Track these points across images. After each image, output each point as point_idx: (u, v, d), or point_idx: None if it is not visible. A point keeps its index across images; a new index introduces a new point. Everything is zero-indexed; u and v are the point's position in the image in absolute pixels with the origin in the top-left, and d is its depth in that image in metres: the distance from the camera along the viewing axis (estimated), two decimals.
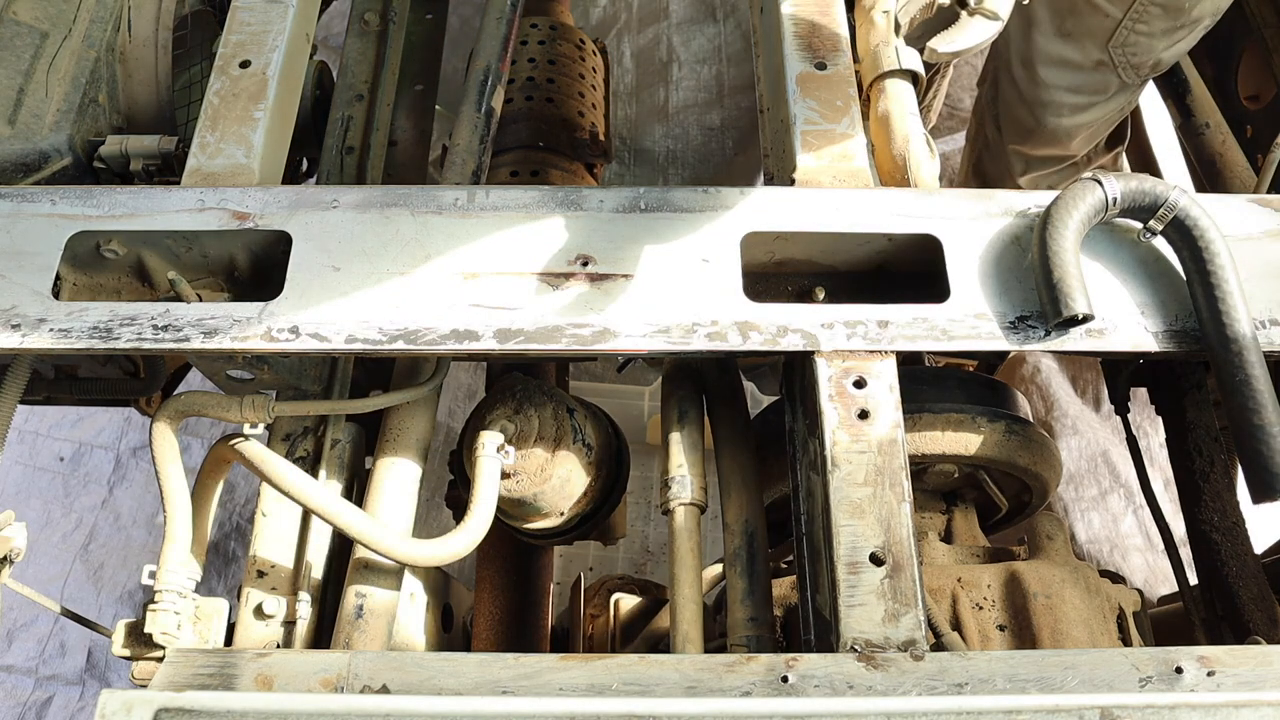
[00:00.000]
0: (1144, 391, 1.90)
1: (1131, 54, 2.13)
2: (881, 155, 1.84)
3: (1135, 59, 2.14)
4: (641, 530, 3.75)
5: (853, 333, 1.48)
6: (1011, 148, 2.53)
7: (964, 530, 1.99)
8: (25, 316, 1.47)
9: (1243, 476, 1.48)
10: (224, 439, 1.54)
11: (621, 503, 1.98)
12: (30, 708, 3.50)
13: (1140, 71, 2.19)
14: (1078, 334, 1.49)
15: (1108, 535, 3.63)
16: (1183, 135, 2.62)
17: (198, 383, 2.57)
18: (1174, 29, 2.07)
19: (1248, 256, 1.54)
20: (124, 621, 1.51)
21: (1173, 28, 2.07)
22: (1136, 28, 2.07)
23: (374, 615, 1.54)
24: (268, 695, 1.24)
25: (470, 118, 1.94)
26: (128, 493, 3.87)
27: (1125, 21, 2.07)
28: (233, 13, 1.82)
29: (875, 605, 1.31)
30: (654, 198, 1.59)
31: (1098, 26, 2.11)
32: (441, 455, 3.12)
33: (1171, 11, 2.03)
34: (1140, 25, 2.07)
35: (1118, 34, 2.10)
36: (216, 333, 1.47)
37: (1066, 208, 1.48)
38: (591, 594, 2.36)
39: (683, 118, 4.38)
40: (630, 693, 1.24)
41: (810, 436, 1.48)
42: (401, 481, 1.64)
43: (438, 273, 1.52)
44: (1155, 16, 2.04)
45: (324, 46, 3.02)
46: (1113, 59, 2.15)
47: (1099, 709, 1.17)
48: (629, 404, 3.77)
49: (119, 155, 1.75)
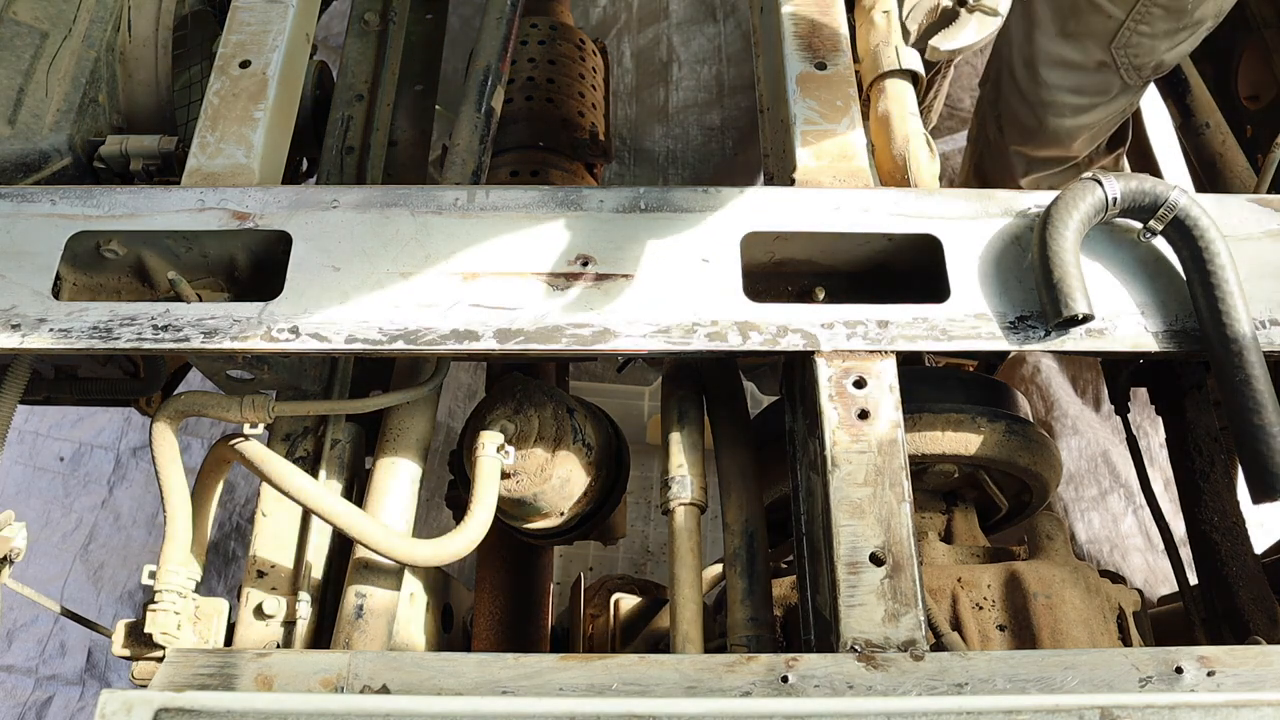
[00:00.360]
0: (1144, 391, 1.90)
1: (1134, 55, 2.13)
2: (881, 155, 1.84)
3: (1138, 60, 2.14)
4: (641, 530, 3.75)
5: (853, 333, 1.48)
6: (1013, 148, 2.52)
7: (964, 530, 1.99)
8: (25, 316, 1.47)
9: (1243, 476, 1.48)
10: (224, 439, 1.54)
11: (621, 503, 1.98)
12: (30, 708, 3.51)
13: (1143, 73, 2.19)
14: (1078, 334, 1.49)
15: (1108, 535, 3.63)
16: (1183, 135, 2.62)
17: (198, 383, 2.57)
18: (1176, 30, 2.07)
19: (1248, 256, 1.54)
20: (124, 621, 1.51)
21: (1175, 29, 2.07)
22: (1139, 29, 2.07)
23: (374, 615, 1.54)
24: (268, 695, 1.24)
25: (470, 118, 1.94)
26: (128, 493, 3.87)
27: (1128, 22, 2.07)
28: (233, 13, 1.82)
29: (875, 605, 1.31)
30: (654, 198, 1.59)
31: (1100, 27, 2.11)
32: (441, 455, 3.12)
33: (1174, 13, 2.03)
34: (1143, 26, 2.06)
35: (1120, 35, 2.09)
36: (216, 333, 1.47)
37: (1066, 208, 1.48)
38: (591, 594, 2.36)
39: (683, 118, 4.38)
40: (630, 693, 1.24)
41: (810, 436, 1.48)
42: (401, 481, 1.64)
43: (438, 273, 1.52)
44: (1158, 18, 2.04)
45: (324, 46, 3.03)
46: (1115, 60, 2.15)
47: (1099, 709, 1.17)
48: (629, 404, 3.77)
49: (119, 155, 1.75)
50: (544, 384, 1.82)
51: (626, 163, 4.36)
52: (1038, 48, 2.23)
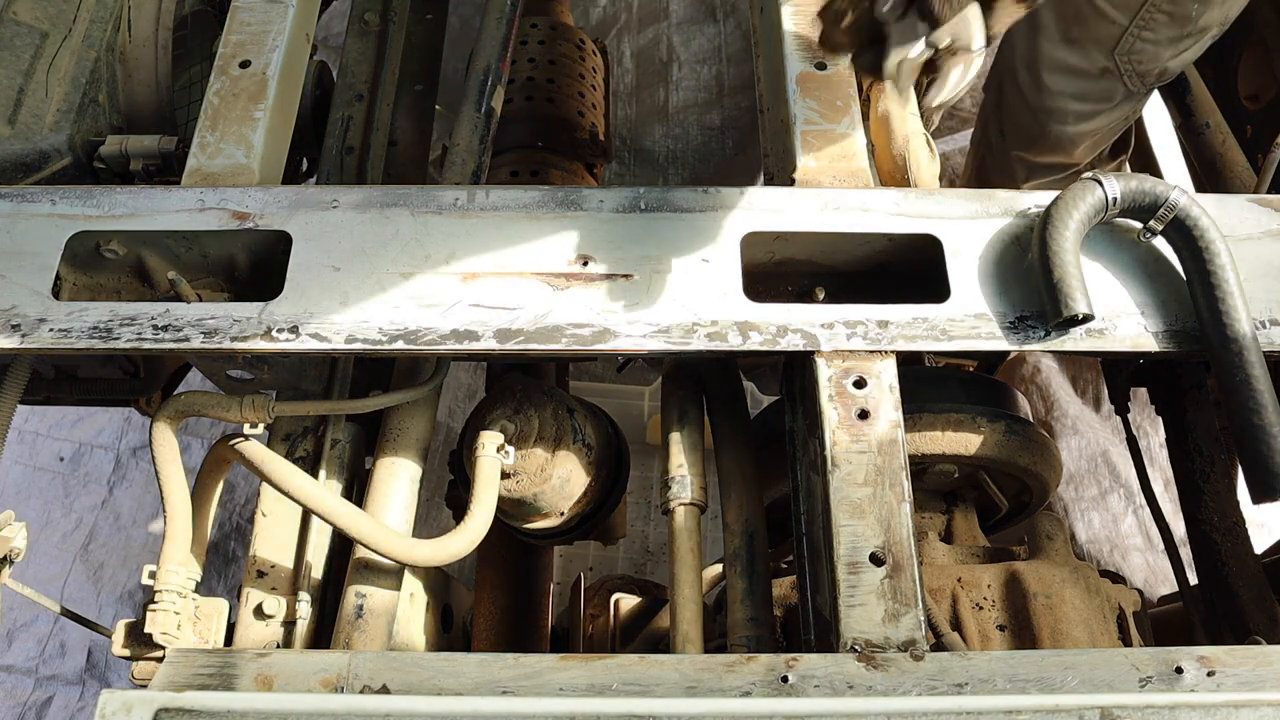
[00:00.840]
0: (1144, 391, 1.90)
1: (1138, 62, 2.12)
2: (881, 155, 1.84)
3: (1141, 67, 2.13)
4: (641, 530, 3.75)
5: (853, 333, 1.48)
6: (1015, 154, 2.52)
7: (964, 530, 1.99)
8: (25, 316, 1.47)
9: (1243, 476, 1.48)
10: (224, 439, 1.54)
11: (621, 503, 1.98)
12: (30, 708, 3.50)
13: (1146, 80, 2.18)
14: (1078, 334, 1.49)
15: (1108, 535, 3.63)
16: (1183, 135, 2.61)
17: (198, 383, 2.57)
18: (1180, 37, 2.06)
19: (1248, 256, 1.54)
20: (124, 621, 1.51)
21: (1179, 36, 2.06)
22: (1143, 35, 2.06)
23: (374, 615, 1.54)
24: (268, 695, 1.24)
25: (470, 118, 1.94)
26: (128, 493, 3.86)
27: (1131, 29, 2.06)
28: (233, 13, 1.82)
29: (875, 605, 1.31)
30: (654, 198, 1.59)
31: (1104, 34, 2.11)
32: (441, 455, 3.12)
33: (1178, 20, 2.02)
34: (1147, 33, 2.05)
35: (1124, 41, 2.09)
36: (216, 333, 1.47)
37: (1067, 208, 1.48)
38: (591, 594, 2.36)
39: (683, 118, 4.38)
40: (630, 693, 1.24)
41: (810, 436, 1.48)
42: (401, 481, 1.64)
43: (438, 273, 1.52)
44: (1162, 24, 2.03)
45: (324, 46, 3.03)
46: (1119, 66, 2.14)
47: (1099, 709, 1.17)
48: (629, 404, 3.77)
49: (119, 155, 1.75)
50: (544, 384, 1.82)
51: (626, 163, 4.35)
52: (1041, 53, 2.23)
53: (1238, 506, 1.74)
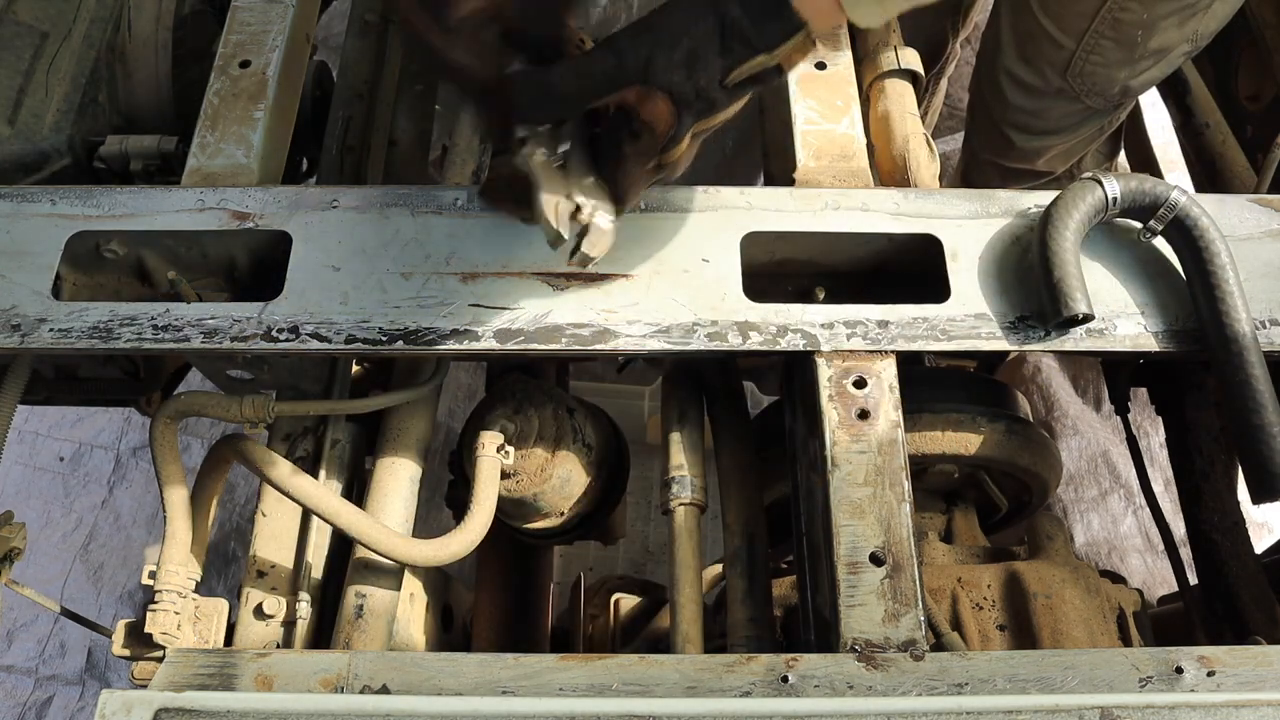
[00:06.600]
0: (1144, 391, 1.90)
1: (1091, 83, 2.08)
2: (881, 155, 1.84)
3: (1096, 87, 2.10)
4: (641, 530, 3.74)
5: (853, 333, 1.48)
6: (987, 159, 2.52)
7: (964, 530, 1.99)
8: (25, 316, 1.47)
9: (1243, 476, 1.48)
10: (224, 439, 1.54)
11: (621, 503, 1.98)
12: (30, 708, 3.50)
13: (1109, 98, 2.14)
14: (1078, 334, 1.49)
15: (1107, 536, 3.63)
16: (1183, 135, 2.61)
17: (198, 383, 2.57)
18: (1132, 60, 2.02)
19: (1248, 256, 1.54)
20: (124, 621, 1.51)
21: (1129, 59, 2.01)
22: (1090, 59, 2.02)
23: (374, 615, 1.54)
24: (268, 695, 1.23)
25: (470, 118, 1.93)
26: (128, 493, 3.86)
27: (1079, 52, 2.02)
28: (233, 13, 1.82)
29: (875, 605, 1.31)
30: (654, 198, 1.59)
31: (1054, 56, 2.07)
32: (441, 455, 3.12)
33: (1125, 44, 1.97)
34: (1095, 56, 2.01)
35: (1074, 64, 2.05)
36: (216, 333, 1.47)
37: (1067, 208, 1.48)
38: (591, 594, 2.36)
39: None
40: (630, 693, 1.24)
41: (810, 436, 1.48)
42: (401, 481, 1.64)
43: (438, 273, 1.52)
44: (1108, 49, 1.99)
45: (324, 46, 3.02)
46: (1073, 86, 2.10)
47: (1099, 709, 1.17)
48: (629, 404, 3.76)
49: (119, 155, 1.75)
50: (544, 384, 1.82)
51: None
52: (1002, 68, 2.21)
53: (1238, 506, 1.74)
